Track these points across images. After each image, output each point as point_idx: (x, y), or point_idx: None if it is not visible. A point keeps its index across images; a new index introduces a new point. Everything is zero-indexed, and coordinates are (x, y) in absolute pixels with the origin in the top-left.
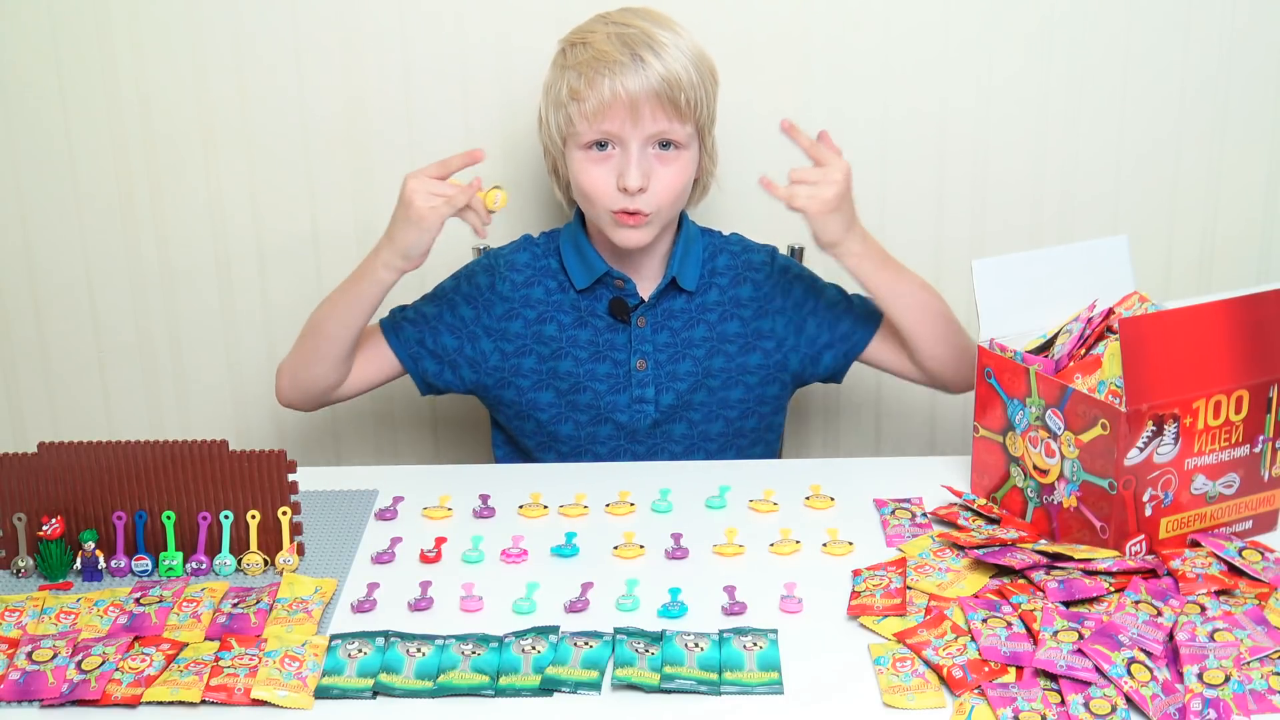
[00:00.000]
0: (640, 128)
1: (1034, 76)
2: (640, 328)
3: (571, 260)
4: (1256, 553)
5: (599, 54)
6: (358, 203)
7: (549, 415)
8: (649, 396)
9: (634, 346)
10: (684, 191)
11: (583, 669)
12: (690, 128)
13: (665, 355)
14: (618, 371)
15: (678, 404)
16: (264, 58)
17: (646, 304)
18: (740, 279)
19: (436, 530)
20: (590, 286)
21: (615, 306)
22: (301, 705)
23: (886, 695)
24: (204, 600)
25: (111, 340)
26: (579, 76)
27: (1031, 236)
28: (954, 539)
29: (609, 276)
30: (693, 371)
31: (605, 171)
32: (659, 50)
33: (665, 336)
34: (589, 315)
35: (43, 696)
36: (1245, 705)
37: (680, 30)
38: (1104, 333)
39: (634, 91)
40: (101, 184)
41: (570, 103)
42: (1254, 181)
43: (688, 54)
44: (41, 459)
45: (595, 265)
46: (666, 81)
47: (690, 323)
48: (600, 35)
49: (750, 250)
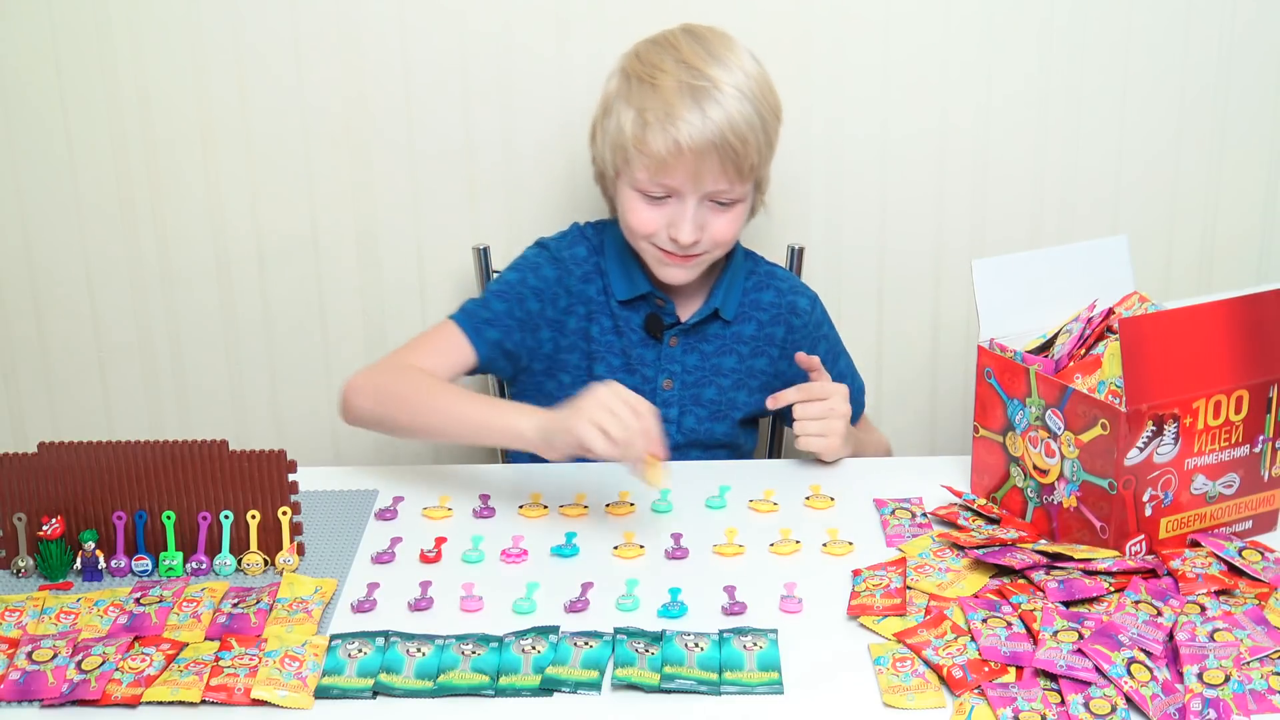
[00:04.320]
0: (700, 187)
1: (1034, 76)
2: (671, 347)
3: (615, 270)
4: (1256, 553)
5: (668, 108)
6: (358, 203)
7: None
8: (672, 418)
9: (663, 365)
10: (737, 234)
11: (583, 669)
12: (750, 184)
13: (693, 378)
14: (645, 388)
15: (698, 429)
16: (264, 58)
17: (682, 326)
18: (779, 319)
19: (436, 530)
20: (630, 300)
21: (651, 323)
22: (301, 705)
23: (886, 695)
24: (204, 600)
25: (111, 340)
26: (644, 126)
27: (1032, 236)
28: (954, 539)
29: (651, 296)
30: (716, 400)
31: (658, 215)
32: (727, 107)
33: (695, 359)
34: (625, 326)
35: (43, 696)
36: (1245, 705)
37: (747, 64)
38: (1104, 333)
39: (699, 153)
40: (101, 184)
41: (632, 148)
42: (1254, 181)
43: (753, 102)
44: (41, 459)
45: (639, 284)
46: (733, 147)
47: (722, 350)
48: (670, 81)
49: (797, 293)
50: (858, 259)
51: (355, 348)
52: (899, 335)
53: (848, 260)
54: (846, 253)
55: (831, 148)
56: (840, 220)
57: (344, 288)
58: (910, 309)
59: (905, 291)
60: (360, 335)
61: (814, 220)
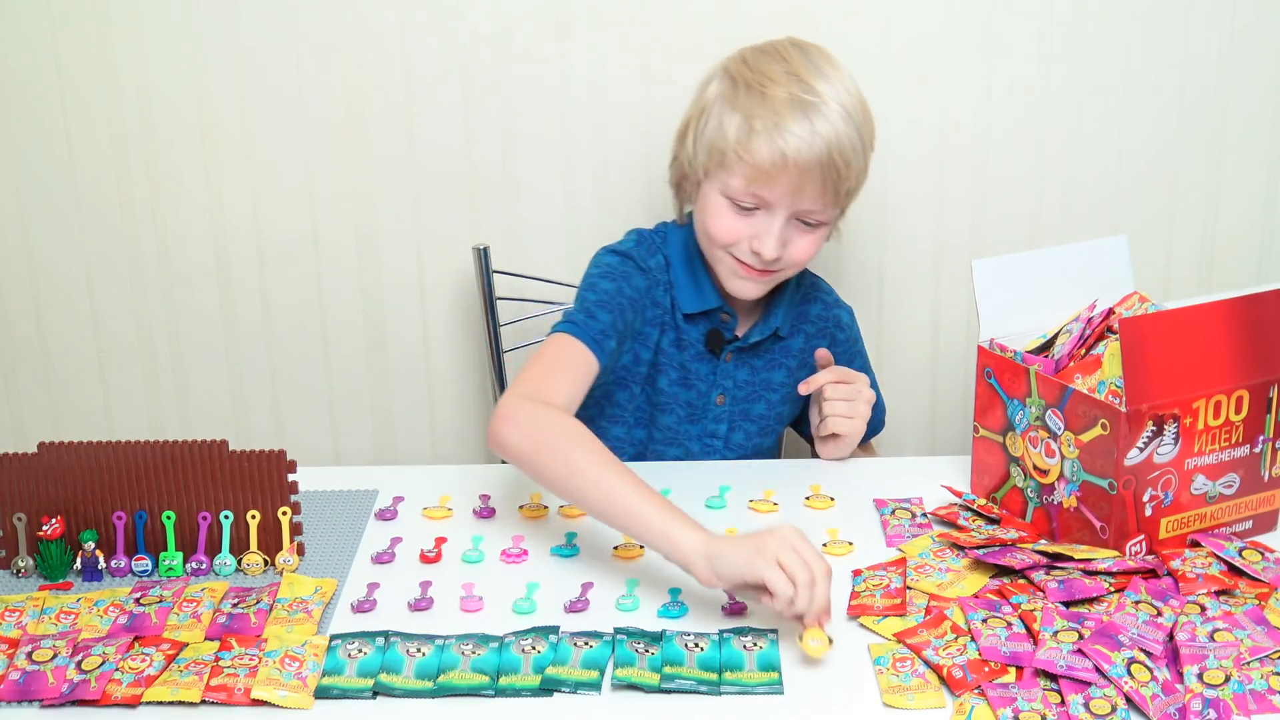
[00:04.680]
0: (795, 204)
1: (1034, 75)
2: (726, 363)
3: (684, 282)
4: (1256, 553)
5: (778, 118)
6: (358, 203)
7: (635, 419)
8: (721, 433)
9: (718, 380)
10: (812, 258)
11: (583, 669)
12: (839, 208)
13: (743, 393)
14: (698, 402)
15: (747, 445)
16: (264, 58)
17: (740, 342)
18: (824, 333)
19: (436, 530)
20: (696, 314)
21: (713, 339)
22: (301, 705)
23: (886, 695)
24: (204, 600)
25: (111, 340)
26: (750, 132)
27: (1032, 237)
28: (954, 539)
29: (718, 311)
30: (765, 415)
31: (743, 225)
32: (835, 125)
33: (746, 374)
34: (686, 339)
35: (43, 696)
36: (1245, 705)
37: (850, 84)
38: (1104, 333)
39: (804, 169)
40: (101, 184)
41: (733, 153)
42: (1254, 181)
43: (856, 124)
44: (41, 459)
45: (709, 298)
46: (836, 168)
47: (772, 364)
48: (780, 91)
49: (839, 306)
50: (857, 258)
51: (355, 347)
52: (899, 335)
53: (848, 260)
54: (846, 252)
55: None
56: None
57: (344, 288)
58: (910, 309)
59: (905, 291)
60: (360, 335)
61: None
